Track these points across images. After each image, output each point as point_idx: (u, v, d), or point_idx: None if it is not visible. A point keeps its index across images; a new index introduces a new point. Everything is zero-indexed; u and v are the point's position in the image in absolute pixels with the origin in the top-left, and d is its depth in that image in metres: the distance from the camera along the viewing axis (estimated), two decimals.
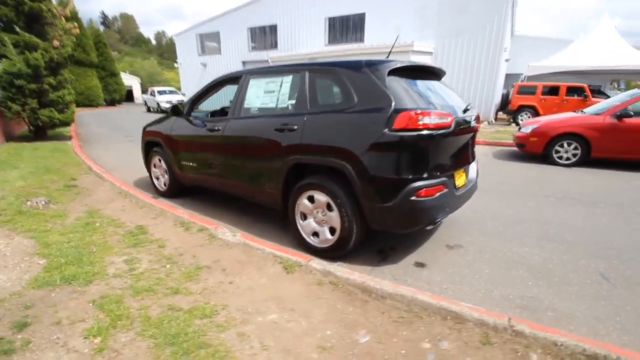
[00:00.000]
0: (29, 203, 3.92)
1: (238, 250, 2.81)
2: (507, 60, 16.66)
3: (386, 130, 2.31)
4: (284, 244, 3.00)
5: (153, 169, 4.61)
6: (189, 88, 25.74)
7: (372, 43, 17.05)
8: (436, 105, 2.48)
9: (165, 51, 73.87)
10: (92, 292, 2.19)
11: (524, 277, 2.55)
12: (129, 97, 34.65)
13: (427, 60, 15.43)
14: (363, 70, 2.53)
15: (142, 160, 4.86)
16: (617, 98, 6.24)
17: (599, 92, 14.17)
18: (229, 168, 3.39)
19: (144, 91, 40.59)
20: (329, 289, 2.28)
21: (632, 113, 5.52)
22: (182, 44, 26.05)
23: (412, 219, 2.42)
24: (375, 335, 1.89)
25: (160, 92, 22.15)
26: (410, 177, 2.35)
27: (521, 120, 12.86)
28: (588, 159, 5.96)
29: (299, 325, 1.94)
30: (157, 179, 4.61)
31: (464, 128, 2.69)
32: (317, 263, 2.49)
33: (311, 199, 2.77)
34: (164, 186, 4.51)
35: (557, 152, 6.21)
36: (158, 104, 21.20)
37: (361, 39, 18.35)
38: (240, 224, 3.56)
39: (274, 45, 21.27)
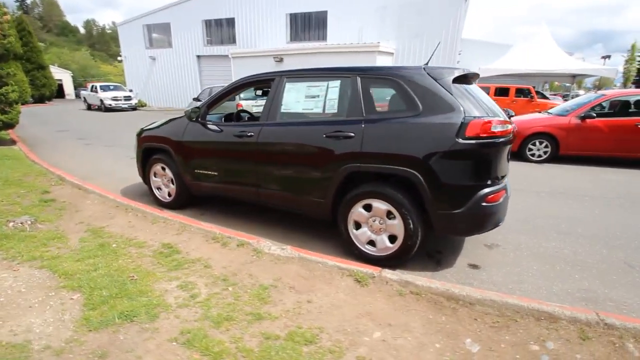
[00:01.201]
0: (11, 224, 3.33)
1: (295, 265, 2.66)
2: (457, 62, 17.90)
3: (459, 138, 2.34)
4: (331, 254, 2.90)
5: (153, 179, 4.17)
6: (136, 84, 23.72)
7: (335, 42, 17.18)
8: (495, 111, 2.58)
9: (97, 42, 67.06)
10: (165, 328, 1.92)
11: (568, 270, 2.77)
12: (59, 92, 30.87)
13: (388, 61, 15.97)
14: (426, 78, 2.53)
15: (137, 170, 4.38)
16: (579, 101, 7.03)
17: (537, 93, 15.86)
18: (264, 177, 3.19)
19: (77, 86, 36.65)
20: (412, 299, 2.27)
21: (594, 115, 6.27)
22: (126, 35, 23.86)
23: (481, 223, 2.50)
24: (481, 342, 1.91)
25: (103, 88, 20.09)
26: (481, 183, 2.42)
27: None
28: (557, 156, 6.65)
29: (407, 341, 1.90)
30: (159, 189, 4.18)
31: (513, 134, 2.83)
32: (391, 273, 2.45)
33: (367, 208, 2.72)
34: (167, 197, 4.11)
35: (530, 149, 6.83)
36: (102, 100, 19.24)
37: (324, 37, 18.40)
38: (272, 235, 3.37)
39: (232, 40, 20.46)
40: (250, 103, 11.80)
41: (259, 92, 6.07)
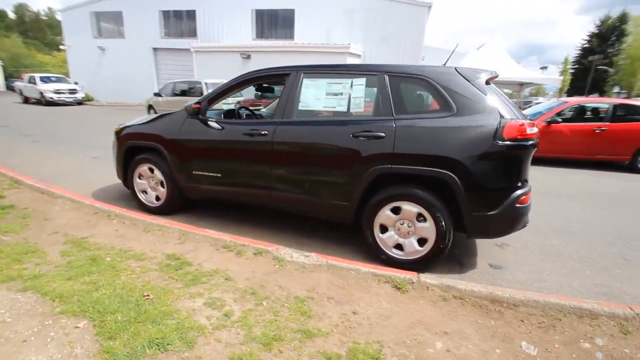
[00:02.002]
0: None
1: (325, 273, 2.49)
2: None
3: (496, 140, 2.34)
4: (351, 259, 2.77)
5: (138, 181, 3.72)
6: (82, 76, 21.58)
7: (302, 41, 17.04)
8: (520, 114, 2.62)
9: (30, 29, 59.98)
10: (209, 355, 1.65)
11: (578, 267, 2.91)
12: None
13: (354, 61, 16.19)
14: (459, 78, 2.50)
15: (116, 171, 3.90)
16: (545, 107, 7.59)
17: None
18: (278, 179, 2.96)
19: (9, 77, 32.62)
20: (457, 304, 2.21)
21: (559, 120, 6.80)
22: (70, 23, 21.66)
23: (513, 225, 2.52)
24: (536, 344, 1.91)
25: (43, 80, 17.98)
26: (515, 185, 2.44)
27: None
28: None
29: (469, 350, 1.83)
30: (144, 192, 3.74)
31: None
32: (430, 278, 2.38)
33: (395, 210, 2.64)
34: (155, 201, 3.69)
35: None
36: (42, 93, 17.21)
37: (291, 36, 18.20)
38: (281, 241, 3.15)
39: (193, 33, 19.45)
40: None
41: (259, 93, 5.61)
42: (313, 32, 17.25)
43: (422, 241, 2.63)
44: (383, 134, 2.56)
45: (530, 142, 2.42)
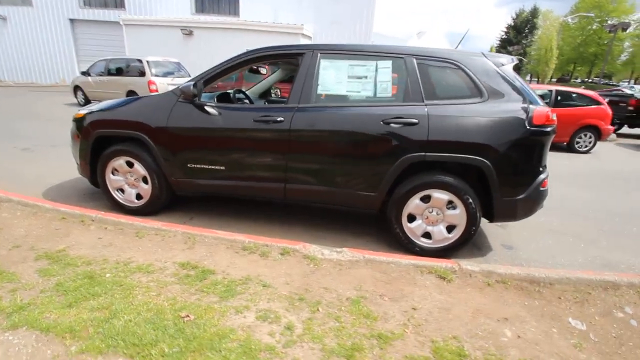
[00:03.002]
0: None
1: (365, 269, 2.36)
2: None
3: (527, 126, 2.39)
4: (374, 250, 2.69)
5: (111, 177, 3.14)
6: None
7: (248, 18, 15.99)
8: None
9: None
10: None
11: (573, 242, 3.19)
12: None
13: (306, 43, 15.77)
14: (488, 64, 2.49)
15: (79, 166, 3.26)
16: None
17: None
18: (296, 170, 2.71)
19: None
20: (501, 288, 2.26)
21: None
22: None
23: (535, 207, 2.63)
24: (580, 319, 2.03)
25: None
26: (540, 169, 2.53)
27: None
28: None
29: (534, 333, 1.87)
30: (121, 190, 3.18)
31: None
32: (471, 265, 2.39)
33: (424, 199, 2.59)
34: (136, 200, 3.16)
35: None
36: None
37: (236, 12, 16.99)
38: (296, 236, 2.94)
39: (120, 3, 17.04)
40: (166, 81, 10.14)
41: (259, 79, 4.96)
42: (260, 9, 16.29)
43: (449, 228, 2.64)
44: (416, 121, 2.46)
45: (552, 128, 2.52)
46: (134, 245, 2.53)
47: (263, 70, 4.74)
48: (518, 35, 46.81)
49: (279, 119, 2.63)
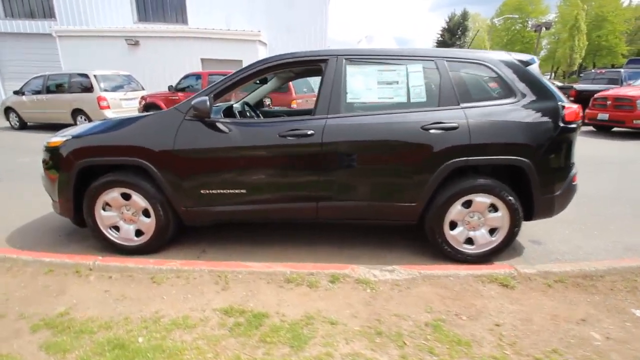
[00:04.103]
0: None
1: (425, 286, 2.20)
2: None
3: (561, 124, 2.41)
4: (417, 261, 2.58)
5: (102, 214, 2.65)
6: None
7: (199, 26, 15.27)
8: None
9: None
10: None
11: (586, 229, 3.28)
12: None
13: (263, 52, 15.42)
14: (517, 64, 2.48)
15: (58, 204, 2.72)
16: None
17: None
18: (330, 186, 2.47)
19: None
20: (561, 288, 2.23)
21: None
22: None
23: (568, 202, 2.66)
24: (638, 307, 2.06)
25: None
26: (571, 165, 2.57)
27: None
28: None
29: (615, 331, 1.84)
30: (115, 228, 2.70)
31: None
32: (528, 268, 2.34)
33: (466, 204, 2.51)
34: (135, 238, 2.70)
35: None
36: None
37: (184, 20, 16.13)
38: (325, 255, 2.70)
39: (49, 13, 15.37)
40: (118, 96, 9.22)
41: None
42: (210, 16, 15.62)
43: (491, 232, 2.58)
44: (456, 125, 2.36)
45: (580, 124, 2.58)
46: (154, 295, 2.12)
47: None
48: (452, 37, 50.53)
49: (309, 133, 2.39)
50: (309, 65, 2.59)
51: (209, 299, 2.07)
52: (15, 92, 9.59)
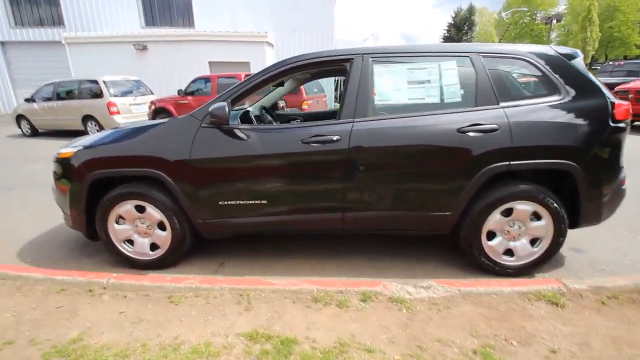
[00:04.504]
0: None
1: (466, 305, 2.01)
2: None
3: (611, 123, 2.19)
4: (451, 274, 2.39)
5: (116, 227, 2.52)
6: None
7: (206, 29, 15.22)
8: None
9: None
10: None
11: (627, 234, 3.07)
12: None
13: (270, 53, 15.29)
14: (560, 58, 2.27)
15: (70, 218, 2.59)
16: None
17: None
18: (358, 195, 2.30)
19: None
20: (616, 305, 2.01)
21: None
22: None
23: (616, 207, 2.44)
24: None
25: None
26: (620, 167, 2.35)
27: None
28: None
29: None
30: (129, 242, 2.57)
31: None
32: (577, 283, 2.12)
33: (506, 212, 2.31)
34: (150, 252, 2.57)
35: None
36: None
37: (190, 24, 16.13)
38: (355, 268, 2.53)
39: (59, 21, 15.52)
40: (127, 101, 9.17)
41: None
42: (216, 19, 15.55)
43: (532, 242, 2.37)
44: (496, 126, 2.16)
45: (628, 122, 2.35)
46: (172, 317, 1.97)
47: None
48: (459, 33, 49.81)
49: (334, 138, 2.21)
50: (332, 65, 2.41)
51: (231, 322, 1.91)
52: (27, 100, 9.61)
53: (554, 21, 27.61)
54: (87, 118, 9.09)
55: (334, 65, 2.40)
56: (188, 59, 13.57)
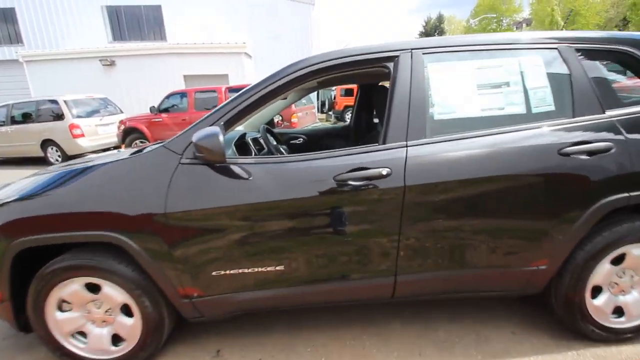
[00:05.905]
0: None
1: None
2: None
3: None
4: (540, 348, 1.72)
5: (57, 317, 1.70)
6: None
7: (178, 41, 14.33)
8: None
9: None
10: None
11: None
12: None
13: (249, 64, 14.58)
14: None
15: None
16: None
17: None
18: (416, 253, 1.59)
19: None
20: None
21: None
22: None
23: None
24: None
25: None
26: None
27: (349, 117, 14.43)
28: None
29: None
30: (80, 335, 1.75)
31: None
32: None
33: (616, 259, 1.66)
34: (113, 348, 1.74)
35: None
36: None
37: (162, 37, 15.24)
38: (406, 342, 1.81)
39: (16, 39, 14.25)
40: (93, 122, 8.18)
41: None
42: (189, 31, 14.73)
43: None
44: (609, 144, 1.52)
45: None
46: None
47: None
48: None
49: (384, 173, 1.50)
50: (368, 66, 1.69)
51: None
52: None
53: (524, 25, 28.47)
54: (46, 143, 8.04)
55: (371, 66, 1.68)
56: (161, 73, 12.63)
